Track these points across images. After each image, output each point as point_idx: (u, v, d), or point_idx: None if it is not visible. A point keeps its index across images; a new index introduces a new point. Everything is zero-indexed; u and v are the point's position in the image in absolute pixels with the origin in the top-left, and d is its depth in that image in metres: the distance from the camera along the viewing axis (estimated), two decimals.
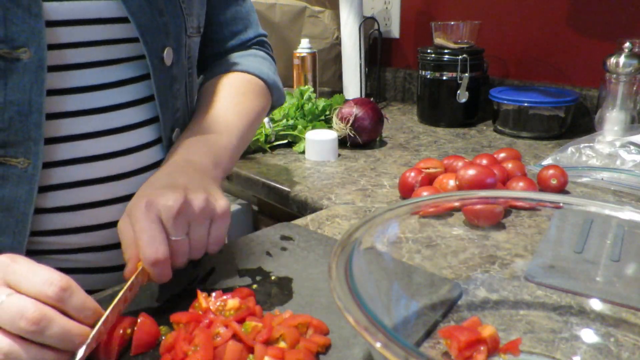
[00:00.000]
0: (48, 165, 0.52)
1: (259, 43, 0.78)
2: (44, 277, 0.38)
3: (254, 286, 0.51)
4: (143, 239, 0.46)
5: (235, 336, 0.40)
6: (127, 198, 0.57)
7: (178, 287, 0.51)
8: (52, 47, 0.49)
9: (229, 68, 0.70)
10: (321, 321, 0.44)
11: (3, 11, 0.45)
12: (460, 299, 0.47)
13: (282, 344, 0.41)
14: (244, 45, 0.76)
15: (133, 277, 0.46)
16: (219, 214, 0.51)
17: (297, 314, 0.45)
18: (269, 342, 0.41)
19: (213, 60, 0.74)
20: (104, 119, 0.54)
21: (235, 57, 0.73)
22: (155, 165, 0.60)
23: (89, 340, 0.39)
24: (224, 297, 0.45)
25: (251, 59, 0.73)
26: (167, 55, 0.57)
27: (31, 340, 0.36)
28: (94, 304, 0.40)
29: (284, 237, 0.61)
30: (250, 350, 0.40)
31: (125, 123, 0.56)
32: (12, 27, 0.45)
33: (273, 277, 0.53)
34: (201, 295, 0.46)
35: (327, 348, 0.42)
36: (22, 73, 0.47)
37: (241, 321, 0.43)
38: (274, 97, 0.74)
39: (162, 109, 0.59)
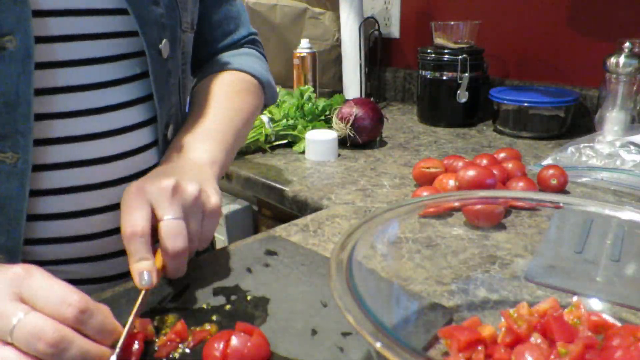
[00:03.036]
0: (39, 168, 0.50)
1: (250, 41, 0.77)
2: (61, 297, 0.36)
3: (227, 307, 0.48)
4: (123, 216, 0.45)
5: None
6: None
7: (149, 305, 0.49)
8: (40, 39, 0.47)
9: (222, 67, 0.69)
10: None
11: None
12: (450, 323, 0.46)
13: None
14: (236, 45, 0.75)
15: (140, 296, 0.44)
16: (210, 209, 0.50)
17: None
18: None
19: (206, 61, 0.74)
20: (98, 121, 0.53)
21: (228, 55, 0.73)
22: (152, 168, 0.58)
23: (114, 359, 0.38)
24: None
25: (244, 58, 0.72)
26: (164, 47, 0.56)
27: None
28: (113, 324, 0.39)
29: (268, 252, 0.58)
30: None
31: (121, 125, 0.55)
32: None
33: (249, 297, 0.50)
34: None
35: None
36: (8, 63, 0.45)
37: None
38: (267, 95, 0.73)
39: (160, 104, 0.57)
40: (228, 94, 0.66)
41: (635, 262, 0.47)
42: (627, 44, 0.93)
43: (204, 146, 0.58)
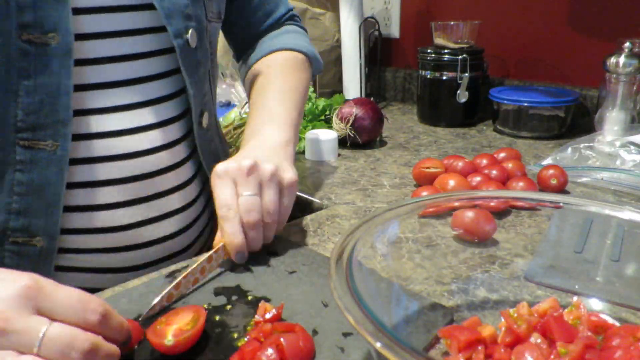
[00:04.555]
0: (75, 162, 0.54)
1: (290, 18, 0.81)
2: (82, 304, 0.37)
3: (228, 307, 0.48)
4: (217, 198, 0.52)
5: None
6: (149, 199, 0.59)
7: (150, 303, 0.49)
8: (77, 37, 0.50)
9: (272, 48, 0.74)
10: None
11: None
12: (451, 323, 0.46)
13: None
14: (278, 23, 0.78)
15: (212, 251, 0.50)
16: (286, 183, 0.55)
17: None
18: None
19: (251, 42, 0.77)
20: (133, 116, 0.56)
21: (271, 37, 0.76)
22: (182, 162, 0.62)
23: (158, 299, 0.45)
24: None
25: (287, 36, 0.76)
26: (192, 37, 0.59)
27: None
28: (127, 323, 0.40)
29: (269, 252, 0.58)
30: None
31: (156, 120, 0.58)
32: (41, 12, 0.47)
33: (250, 297, 0.50)
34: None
35: None
36: (51, 57, 0.49)
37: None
38: (313, 67, 0.79)
39: (193, 94, 0.60)
40: (283, 75, 0.71)
41: (635, 262, 0.47)
42: (627, 44, 0.93)
43: (275, 129, 0.63)
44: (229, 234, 0.51)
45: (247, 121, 0.66)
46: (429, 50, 1.23)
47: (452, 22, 1.22)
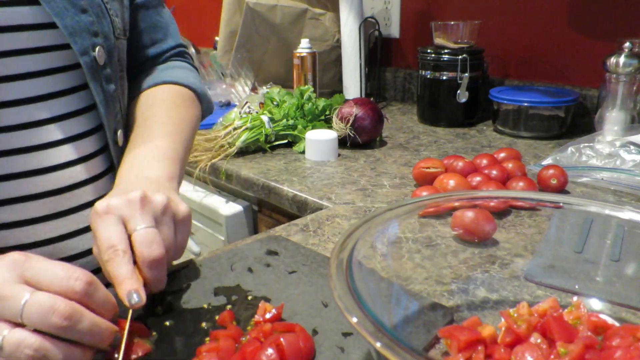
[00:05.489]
0: None
1: (179, 54, 0.77)
2: (67, 272, 0.38)
3: (228, 307, 0.48)
4: (98, 239, 0.45)
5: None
6: (69, 212, 0.57)
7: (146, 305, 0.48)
8: None
9: (158, 80, 0.69)
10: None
11: None
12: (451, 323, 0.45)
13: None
14: (164, 54, 0.74)
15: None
16: (181, 216, 0.50)
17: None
18: None
19: (134, 71, 0.73)
20: (42, 132, 0.53)
21: (161, 69, 0.72)
22: (99, 176, 0.59)
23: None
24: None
25: (177, 71, 0.72)
26: (99, 54, 0.56)
27: (59, 338, 0.37)
28: (113, 299, 0.41)
29: (269, 252, 0.58)
30: None
31: (66, 135, 0.55)
32: None
33: (250, 297, 0.50)
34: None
35: None
36: None
37: None
38: (203, 106, 0.74)
39: (105, 111, 0.58)
40: (170, 108, 0.66)
41: (635, 262, 0.47)
42: (627, 44, 0.93)
43: (159, 164, 0.57)
44: (120, 277, 0.42)
45: (126, 152, 0.59)
46: (428, 50, 1.23)
47: (452, 22, 1.22)
